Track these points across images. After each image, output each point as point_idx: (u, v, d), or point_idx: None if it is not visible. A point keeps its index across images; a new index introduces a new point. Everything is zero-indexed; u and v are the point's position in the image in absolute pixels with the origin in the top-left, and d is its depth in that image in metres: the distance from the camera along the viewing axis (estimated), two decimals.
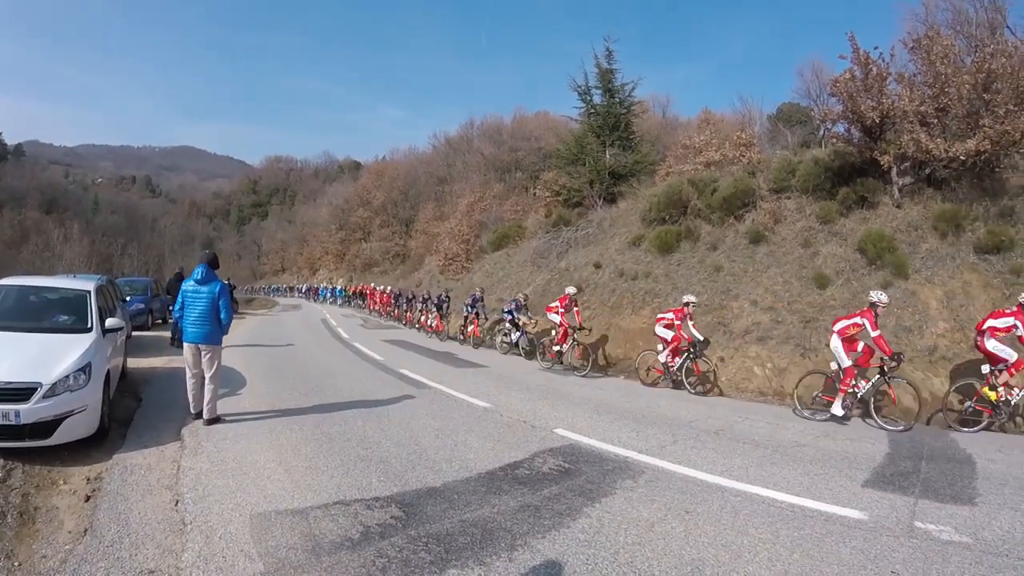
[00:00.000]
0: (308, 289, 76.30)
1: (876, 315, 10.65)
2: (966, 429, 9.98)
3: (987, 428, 10.00)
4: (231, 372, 13.01)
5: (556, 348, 16.75)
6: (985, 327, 10.31)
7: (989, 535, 5.55)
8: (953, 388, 10.84)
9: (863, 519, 5.87)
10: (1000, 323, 10.21)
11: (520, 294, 21.13)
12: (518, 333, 19.61)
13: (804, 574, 4.70)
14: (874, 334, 10.43)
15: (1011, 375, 10.05)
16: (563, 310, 16.76)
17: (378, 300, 40.24)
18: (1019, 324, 10.04)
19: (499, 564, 4.76)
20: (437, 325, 25.55)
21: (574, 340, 16.65)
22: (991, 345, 10.17)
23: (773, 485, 6.81)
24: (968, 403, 10.38)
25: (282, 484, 6.45)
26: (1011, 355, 10.04)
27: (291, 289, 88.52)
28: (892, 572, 4.76)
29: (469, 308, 22.70)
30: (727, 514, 5.93)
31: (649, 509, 6.00)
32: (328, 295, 63.16)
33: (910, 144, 14.68)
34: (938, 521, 5.84)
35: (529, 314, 19.89)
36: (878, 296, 10.86)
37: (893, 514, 6.02)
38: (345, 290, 57.60)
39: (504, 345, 20.30)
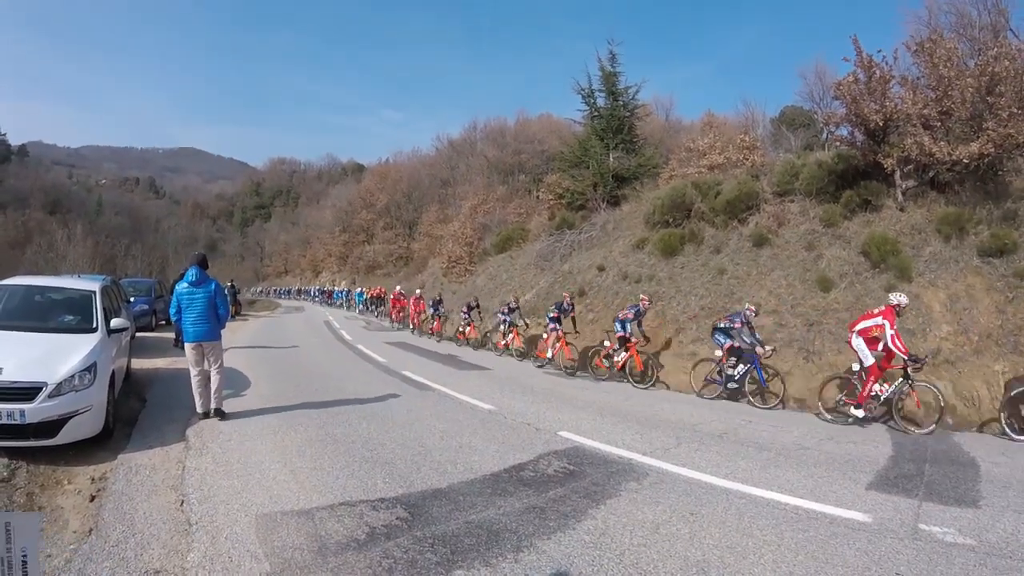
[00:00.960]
0: (321, 292, 69.42)
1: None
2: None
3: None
4: (235, 374, 13.04)
5: (874, 393, 10.76)
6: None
7: (993, 537, 5.57)
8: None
9: (867, 521, 5.88)
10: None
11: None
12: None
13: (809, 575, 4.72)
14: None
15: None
16: (892, 330, 10.45)
17: (411, 308, 29.96)
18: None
19: (505, 565, 4.77)
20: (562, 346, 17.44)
21: (910, 379, 10.57)
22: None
23: (777, 488, 6.82)
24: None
25: (287, 485, 6.46)
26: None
27: (300, 292, 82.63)
28: (896, 574, 4.77)
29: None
30: (732, 516, 5.94)
31: (654, 511, 6.01)
32: (343, 298, 56.27)
33: (913, 147, 14.71)
34: (942, 523, 5.86)
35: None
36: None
37: (897, 516, 6.03)
38: (364, 293, 47.36)
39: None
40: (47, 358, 7.26)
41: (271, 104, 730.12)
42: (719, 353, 13.22)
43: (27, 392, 6.72)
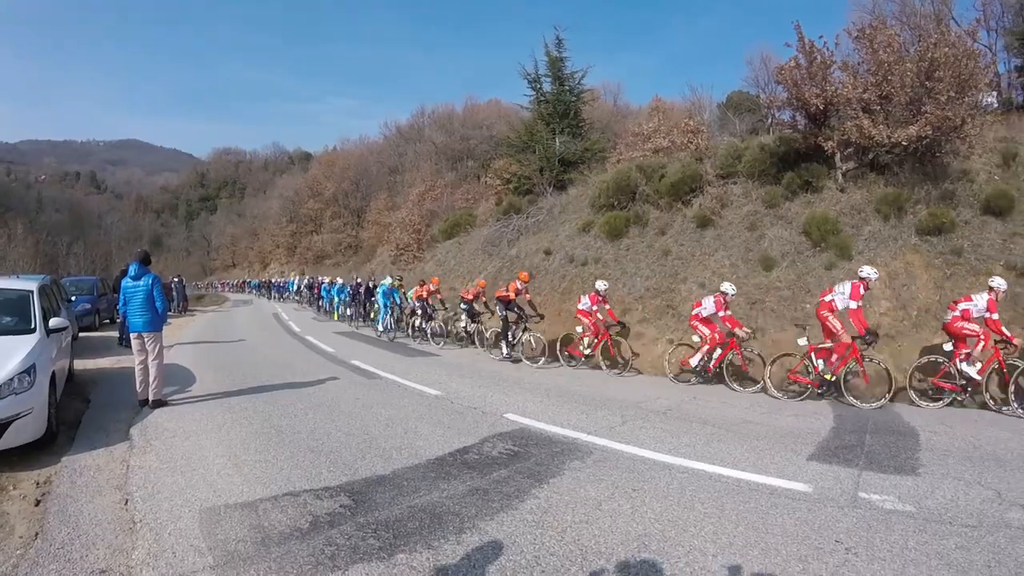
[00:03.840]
0: (308, 286, 42.83)
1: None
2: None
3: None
4: (181, 369, 12.89)
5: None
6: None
7: (932, 504, 5.65)
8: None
9: (808, 491, 5.94)
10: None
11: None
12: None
13: (749, 545, 4.74)
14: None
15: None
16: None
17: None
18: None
19: (447, 547, 4.74)
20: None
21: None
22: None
23: (719, 461, 6.88)
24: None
25: (231, 478, 6.37)
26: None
27: (269, 286, 60.47)
28: (836, 541, 4.81)
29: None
30: (674, 490, 5.97)
31: (597, 488, 6.02)
32: (346, 298, 29.24)
33: (853, 130, 14.98)
34: (882, 491, 5.94)
35: None
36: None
37: (837, 485, 6.11)
38: (397, 290, 22.74)
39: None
40: None
41: (214, 93, 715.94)
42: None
43: None
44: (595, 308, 14.25)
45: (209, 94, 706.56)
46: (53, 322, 8.79)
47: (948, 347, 10.56)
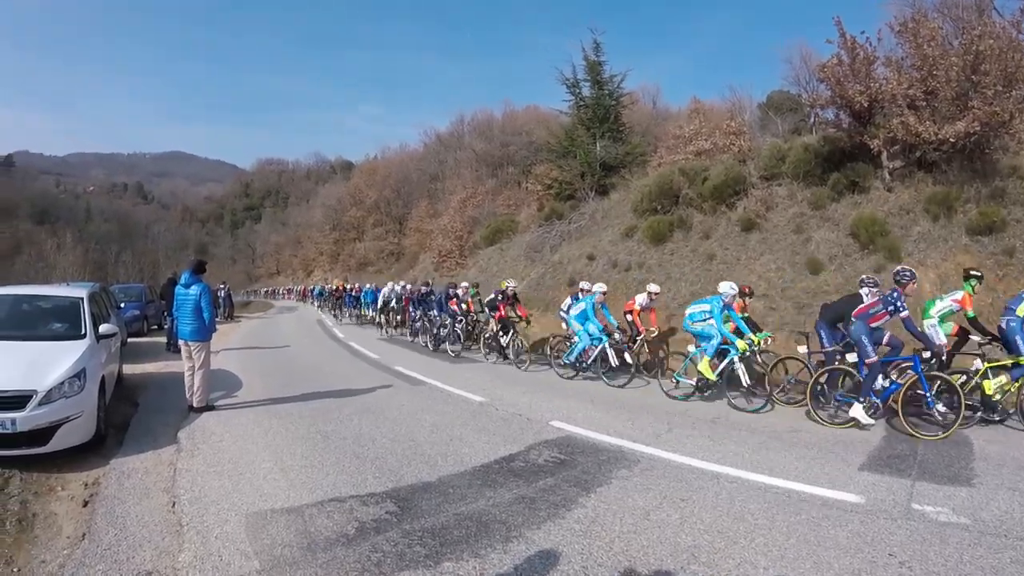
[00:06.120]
0: (411, 296, 23.85)
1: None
2: None
3: None
4: (227, 374, 13.02)
5: None
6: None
7: (987, 516, 5.52)
8: None
9: (860, 502, 5.84)
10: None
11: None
12: None
13: (800, 558, 4.67)
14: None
15: None
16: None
17: None
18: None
19: (494, 556, 4.73)
20: None
21: None
22: None
23: (769, 471, 6.78)
24: None
25: (278, 483, 6.43)
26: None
27: (335, 299, 39.17)
28: (889, 554, 4.72)
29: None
30: (723, 500, 5.90)
31: (644, 498, 5.97)
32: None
33: (899, 127, 14.72)
34: (936, 503, 5.81)
35: None
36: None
37: (890, 497, 5.99)
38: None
39: None
40: (36, 366, 7.19)
41: (255, 105, 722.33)
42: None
43: (17, 400, 6.65)
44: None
45: (249, 105, 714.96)
46: (103, 328, 8.95)
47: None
